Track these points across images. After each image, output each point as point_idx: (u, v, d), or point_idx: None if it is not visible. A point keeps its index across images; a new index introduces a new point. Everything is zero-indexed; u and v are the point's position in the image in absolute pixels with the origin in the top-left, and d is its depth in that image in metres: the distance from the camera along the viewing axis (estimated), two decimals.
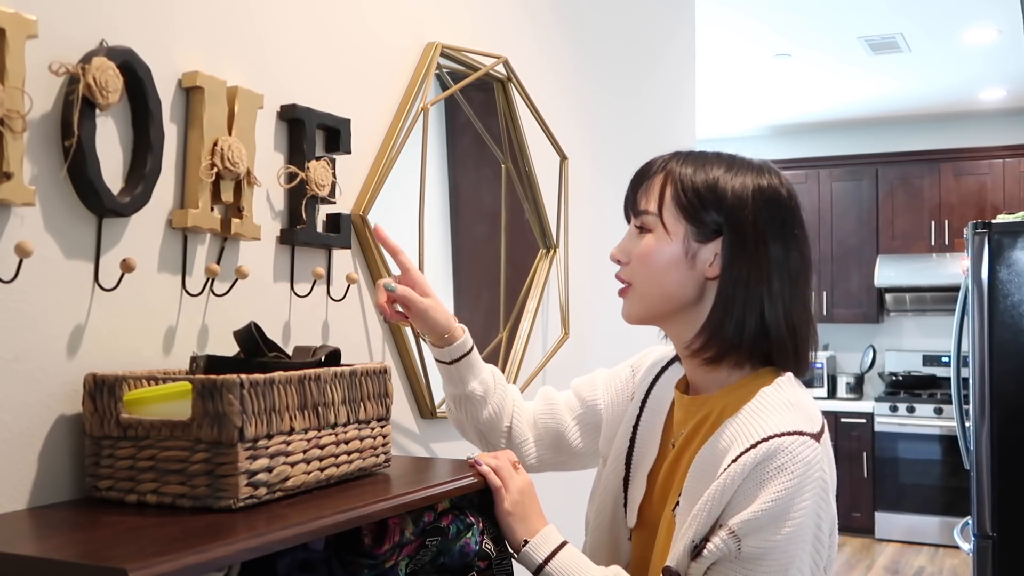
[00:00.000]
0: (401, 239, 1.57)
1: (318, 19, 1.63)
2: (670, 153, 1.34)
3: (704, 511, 1.18)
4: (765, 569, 1.15)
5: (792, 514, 1.15)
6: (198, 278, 1.38)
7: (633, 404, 1.46)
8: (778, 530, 1.14)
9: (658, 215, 1.28)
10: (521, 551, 1.32)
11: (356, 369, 1.31)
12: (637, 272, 1.30)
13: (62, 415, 1.19)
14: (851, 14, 4.66)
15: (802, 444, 1.16)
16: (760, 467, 1.15)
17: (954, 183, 6.65)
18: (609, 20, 2.70)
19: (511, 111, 2.13)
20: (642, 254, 1.29)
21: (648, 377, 1.47)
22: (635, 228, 1.32)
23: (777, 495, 1.14)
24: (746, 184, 1.27)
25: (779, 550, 1.15)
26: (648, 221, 1.29)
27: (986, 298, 3.66)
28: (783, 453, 1.15)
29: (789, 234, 1.28)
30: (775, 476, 1.15)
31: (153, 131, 1.28)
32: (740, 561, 1.16)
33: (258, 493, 1.12)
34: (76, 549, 0.97)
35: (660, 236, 1.28)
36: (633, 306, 1.33)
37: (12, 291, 1.13)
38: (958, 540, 4.00)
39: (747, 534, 1.15)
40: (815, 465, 1.17)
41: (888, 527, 6.47)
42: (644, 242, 1.29)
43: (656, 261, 1.28)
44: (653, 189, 1.30)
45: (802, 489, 1.15)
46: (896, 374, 6.80)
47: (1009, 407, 3.63)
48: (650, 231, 1.29)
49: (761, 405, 1.22)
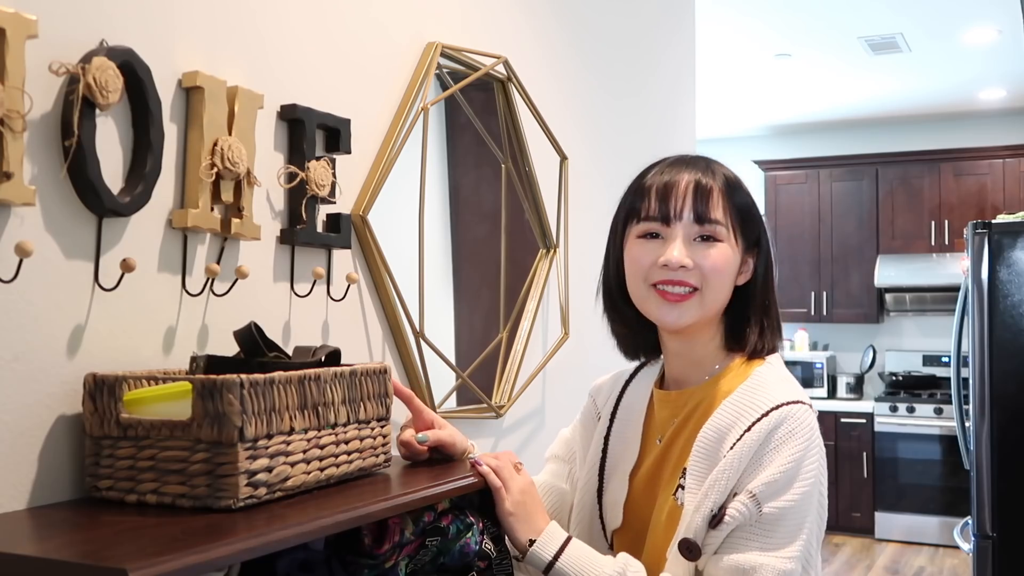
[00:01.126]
0: (401, 239, 1.58)
1: (318, 19, 1.63)
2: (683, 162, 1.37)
3: (722, 480, 1.25)
4: (782, 531, 1.22)
5: (804, 475, 1.24)
6: (198, 278, 1.38)
7: (601, 422, 1.50)
8: (794, 491, 1.23)
9: (728, 226, 1.33)
10: (528, 551, 1.32)
11: (356, 369, 1.31)
12: (710, 281, 1.32)
13: (62, 415, 1.19)
14: (851, 14, 4.66)
15: (805, 412, 1.27)
16: (773, 433, 1.24)
17: (954, 183, 6.65)
18: (609, 20, 2.70)
19: (511, 111, 2.13)
20: (720, 265, 1.32)
21: (613, 394, 1.52)
22: (692, 237, 1.32)
23: (791, 458, 1.23)
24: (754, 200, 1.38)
25: (794, 511, 1.23)
26: (719, 231, 1.32)
27: (986, 298, 3.66)
28: (792, 419, 1.25)
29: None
30: (787, 440, 1.24)
31: (153, 131, 1.28)
32: (760, 524, 1.23)
33: (258, 493, 1.12)
34: (76, 549, 0.97)
35: (730, 247, 1.33)
36: (694, 311, 1.33)
37: (12, 291, 1.13)
38: (958, 540, 4.00)
39: (767, 497, 1.22)
40: (816, 431, 1.28)
41: (888, 527, 6.47)
42: (718, 252, 1.32)
43: (728, 271, 1.33)
44: (716, 201, 1.32)
45: (810, 452, 1.25)
46: (896, 374, 6.80)
47: (1009, 407, 3.63)
48: (720, 241, 1.32)
49: (759, 382, 1.31)
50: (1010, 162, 6.51)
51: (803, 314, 6.95)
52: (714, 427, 1.29)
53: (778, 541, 1.22)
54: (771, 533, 1.22)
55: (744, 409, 1.28)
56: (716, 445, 1.28)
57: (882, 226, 6.79)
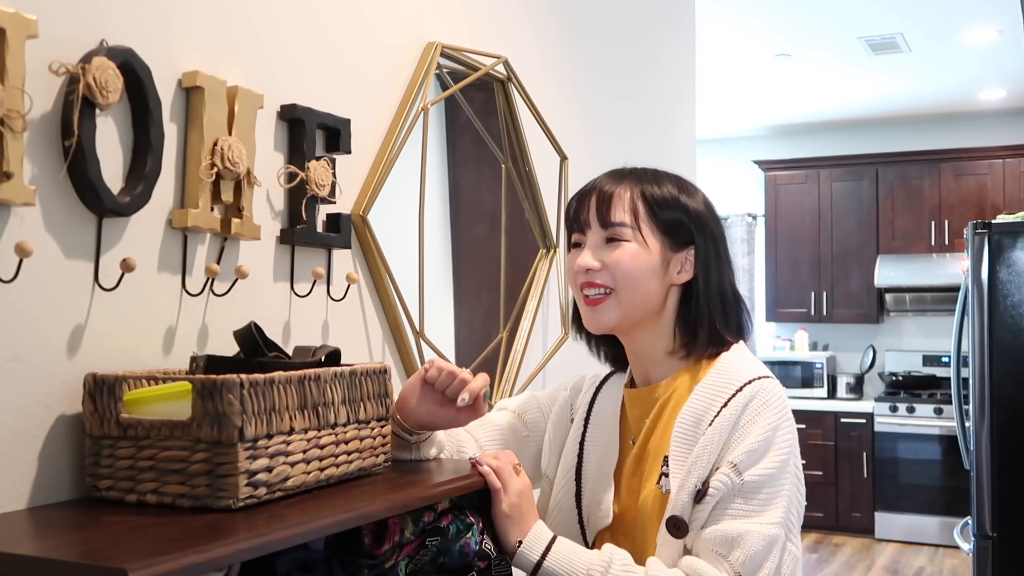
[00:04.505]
0: (401, 239, 1.57)
1: (318, 19, 1.63)
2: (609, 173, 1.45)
3: (703, 456, 1.30)
4: (763, 497, 1.28)
5: (778, 444, 1.30)
6: (198, 278, 1.38)
7: (575, 425, 1.52)
8: (771, 458, 1.28)
9: (635, 227, 1.37)
10: (516, 552, 1.35)
11: (356, 369, 1.31)
12: (619, 280, 1.37)
13: (62, 415, 1.19)
14: (851, 14, 4.66)
15: (775, 385, 1.34)
16: (750, 406, 1.31)
17: (954, 183, 6.65)
18: (609, 20, 2.70)
19: (511, 111, 2.13)
20: (624, 263, 1.36)
21: (587, 398, 1.54)
22: (601, 240, 1.38)
23: (768, 426, 1.29)
24: (698, 197, 1.43)
25: (772, 480, 1.28)
26: (624, 232, 1.37)
27: (986, 298, 3.66)
28: (764, 391, 1.32)
29: (722, 231, 1.45)
30: (762, 410, 1.30)
31: (153, 131, 1.28)
32: (742, 493, 1.28)
33: (258, 493, 1.12)
34: (76, 549, 0.97)
35: (640, 246, 1.37)
36: (612, 312, 1.38)
37: (12, 291, 1.13)
38: (958, 540, 4.00)
39: (747, 466, 1.28)
40: (787, 403, 1.34)
41: (888, 527, 6.47)
42: (623, 251, 1.36)
43: (639, 269, 1.36)
44: (622, 203, 1.38)
45: (782, 422, 1.31)
46: (896, 374, 6.80)
47: (1009, 407, 3.63)
48: (625, 241, 1.37)
49: (727, 364, 1.37)
50: (1010, 162, 6.50)
51: (803, 314, 6.95)
52: (690, 411, 1.34)
53: (760, 508, 1.27)
54: (752, 500, 1.27)
55: (717, 390, 1.34)
56: (694, 428, 1.33)
57: (882, 226, 6.78)
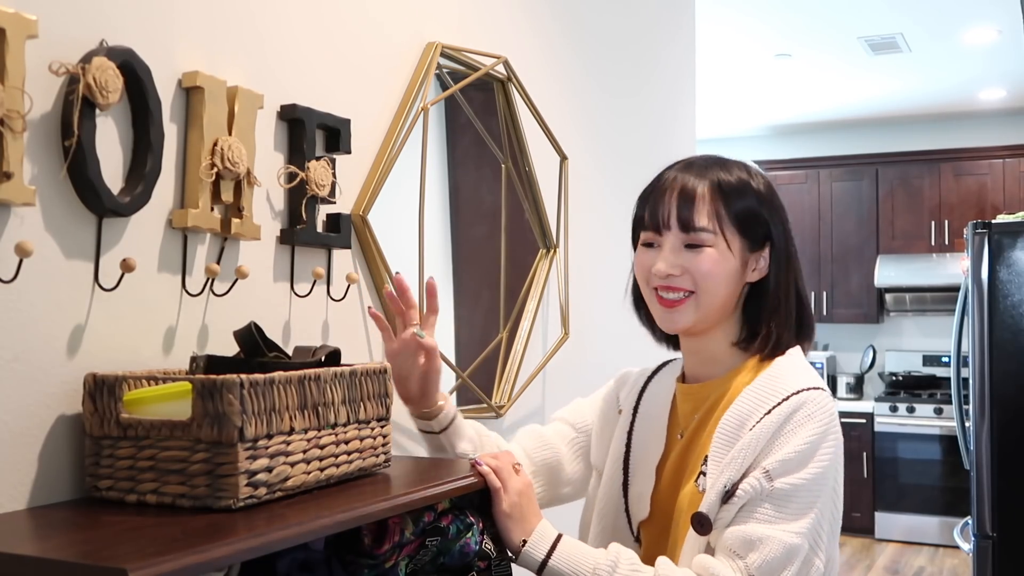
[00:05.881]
0: (401, 239, 1.57)
1: (318, 19, 1.63)
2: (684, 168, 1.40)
3: (738, 459, 1.28)
4: (792, 507, 1.25)
5: (819, 457, 1.27)
6: (198, 278, 1.38)
7: (624, 416, 1.53)
8: (807, 471, 1.25)
9: (719, 232, 1.35)
10: (520, 552, 1.35)
11: (356, 369, 1.31)
12: (700, 284, 1.35)
13: (62, 415, 1.19)
14: (851, 14, 4.66)
15: (825, 398, 1.31)
16: (793, 416, 1.28)
17: (954, 183, 6.65)
18: (609, 20, 2.70)
19: (511, 111, 2.13)
20: (707, 269, 1.34)
21: (635, 390, 1.55)
22: (678, 244, 1.36)
23: (808, 439, 1.26)
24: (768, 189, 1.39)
25: (804, 490, 1.25)
26: (705, 238, 1.35)
27: (986, 298, 3.66)
28: (811, 404, 1.29)
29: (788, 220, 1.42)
30: (806, 423, 1.27)
31: (153, 131, 1.28)
32: (771, 499, 1.25)
33: (258, 493, 1.12)
34: (76, 549, 0.97)
35: (722, 252, 1.35)
36: (690, 315, 1.37)
37: (12, 291, 1.13)
38: (958, 540, 4.00)
39: (780, 474, 1.25)
40: (836, 419, 1.31)
41: (888, 527, 6.47)
42: (705, 257, 1.35)
43: (721, 274, 1.35)
44: (704, 207, 1.35)
45: (826, 436, 1.28)
46: (896, 374, 6.80)
47: (1009, 407, 3.63)
48: (708, 247, 1.35)
49: (778, 371, 1.35)
50: (1010, 162, 6.51)
51: None
52: (734, 414, 1.32)
53: (787, 516, 1.25)
54: (781, 508, 1.25)
55: (764, 395, 1.31)
56: (736, 431, 1.31)
57: (882, 226, 6.78)
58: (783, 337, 1.39)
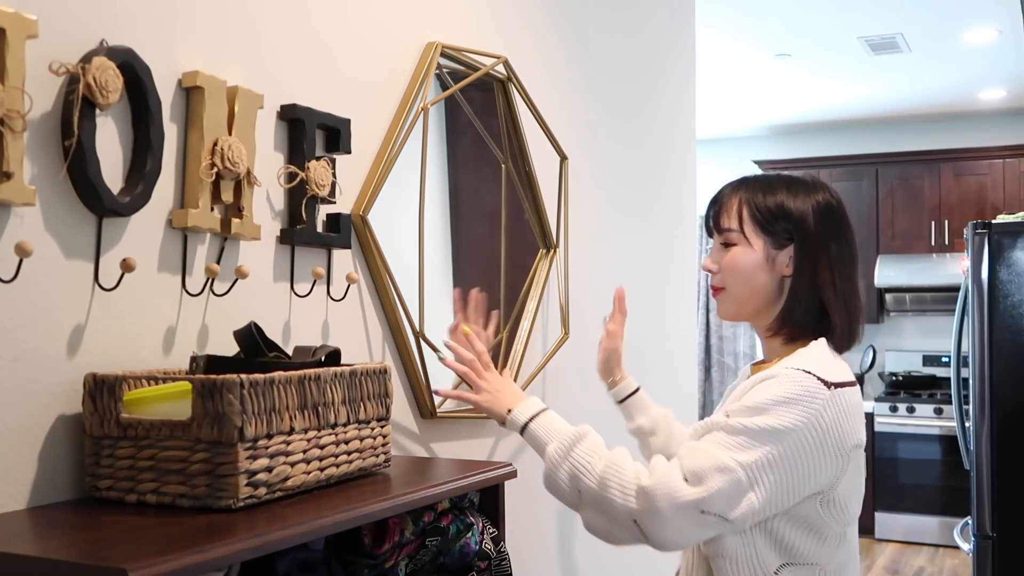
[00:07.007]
0: (401, 239, 1.57)
1: (318, 19, 1.63)
2: (737, 180, 1.61)
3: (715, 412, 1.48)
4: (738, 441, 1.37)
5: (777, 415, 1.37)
6: (198, 278, 1.38)
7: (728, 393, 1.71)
8: (761, 419, 1.37)
9: (740, 231, 1.54)
10: (507, 418, 1.56)
11: (356, 369, 1.31)
12: (728, 277, 1.56)
13: (62, 415, 1.19)
14: (851, 14, 4.65)
15: (804, 376, 1.41)
16: (766, 379, 1.43)
17: (954, 183, 6.64)
18: (610, 20, 2.70)
19: (511, 111, 2.13)
20: (730, 263, 1.55)
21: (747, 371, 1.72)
22: (720, 244, 1.58)
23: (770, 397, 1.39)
24: (806, 200, 1.55)
25: (753, 434, 1.37)
26: (732, 236, 1.55)
27: (986, 298, 3.66)
28: (782, 375, 1.42)
29: (840, 234, 1.57)
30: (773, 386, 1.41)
31: (153, 131, 1.28)
32: (723, 429, 1.40)
33: (258, 493, 1.12)
34: (76, 549, 0.97)
35: (744, 247, 1.54)
36: (728, 305, 1.59)
37: (12, 291, 1.13)
38: (958, 540, 4.00)
39: (735, 413, 1.41)
40: (814, 398, 1.39)
41: (888, 527, 6.46)
42: (731, 254, 1.55)
43: (743, 268, 1.54)
44: (732, 210, 1.56)
45: (791, 403, 1.38)
46: (896, 374, 6.79)
47: (1009, 407, 3.63)
48: (735, 244, 1.55)
49: (790, 357, 1.50)
50: (1010, 162, 6.50)
51: None
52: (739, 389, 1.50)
53: (732, 445, 1.37)
54: (729, 436, 1.38)
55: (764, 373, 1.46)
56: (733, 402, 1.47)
57: (882, 226, 6.78)
58: (800, 329, 1.53)
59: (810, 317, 1.53)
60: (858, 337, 1.57)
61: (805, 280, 1.52)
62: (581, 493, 1.43)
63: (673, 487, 1.35)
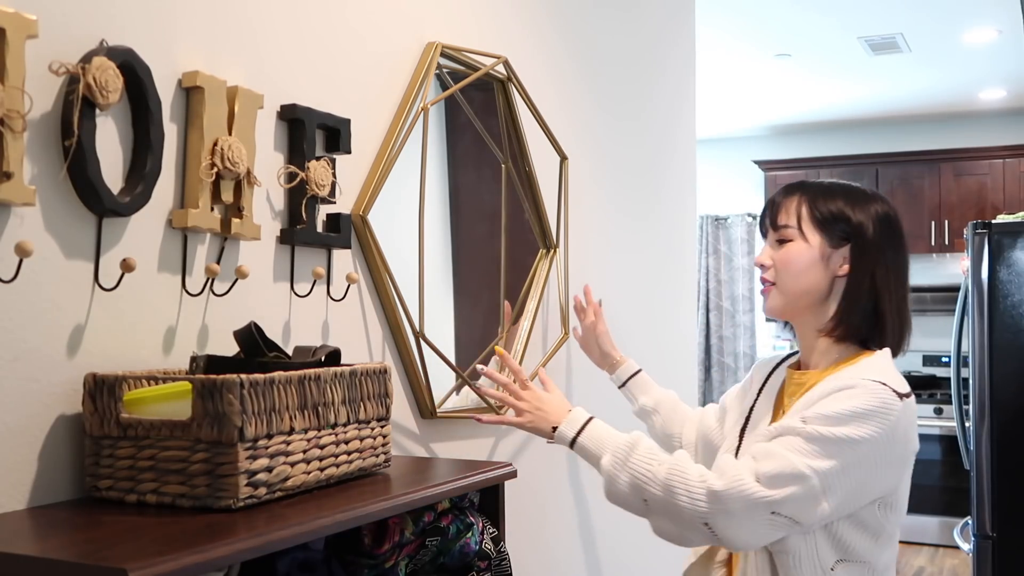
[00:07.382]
0: (401, 239, 1.57)
1: (318, 19, 1.63)
2: (795, 183, 1.63)
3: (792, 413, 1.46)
4: (815, 448, 1.37)
5: (855, 427, 1.37)
6: (198, 278, 1.38)
7: (750, 395, 1.71)
8: (839, 430, 1.37)
9: (798, 228, 1.55)
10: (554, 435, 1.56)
11: (356, 369, 1.31)
12: (780, 273, 1.57)
13: (62, 415, 1.19)
14: (851, 14, 4.65)
15: (882, 389, 1.41)
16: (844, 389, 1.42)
17: (954, 183, 6.64)
18: (610, 20, 2.70)
19: (511, 111, 2.13)
20: (784, 257, 1.56)
21: (764, 373, 1.72)
22: (774, 241, 1.58)
23: (850, 408, 1.38)
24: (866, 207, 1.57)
25: (830, 443, 1.37)
26: (788, 232, 1.56)
27: (986, 298, 3.66)
28: (861, 386, 1.41)
29: (898, 243, 1.59)
30: (853, 397, 1.40)
31: (153, 131, 1.28)
32: (800, 435, 1.39)
33: (258, 493, 1.12)
34: (76, 549, 0.97)
35: (800, 243, 1.55)
36: (776, 300, 1.58)
37: (12, 291, 1.13)
38: (958, 540, 4.00)
39: (812, 421, 1.39)
40: (891, 410, 1.40)
41: None
42: (786, 249, 1.56)
43: (798, 263, 1.55)
44: (791, 208, 1.57)
45: (868, 418, 1.38)
46: None
47: (1009, 407, 3.63)
48: (790, 241, 1.56)
49: (861, 365, 1.50)
50: (1010, 162, 6.50)
51: None
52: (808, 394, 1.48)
53: (809, 452, 1.37)
54: (806, 443, 1.37)
55: (839, 382, 1.45)
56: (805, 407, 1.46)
57: None
58: (854, 331, 1.53)
59: (865, 320, 1.54)
60: (906, 345, 1.60)
61: (863, 282, 1.53)
62: (647, 502, 1.44)
63: (745, 489, 1.36)
